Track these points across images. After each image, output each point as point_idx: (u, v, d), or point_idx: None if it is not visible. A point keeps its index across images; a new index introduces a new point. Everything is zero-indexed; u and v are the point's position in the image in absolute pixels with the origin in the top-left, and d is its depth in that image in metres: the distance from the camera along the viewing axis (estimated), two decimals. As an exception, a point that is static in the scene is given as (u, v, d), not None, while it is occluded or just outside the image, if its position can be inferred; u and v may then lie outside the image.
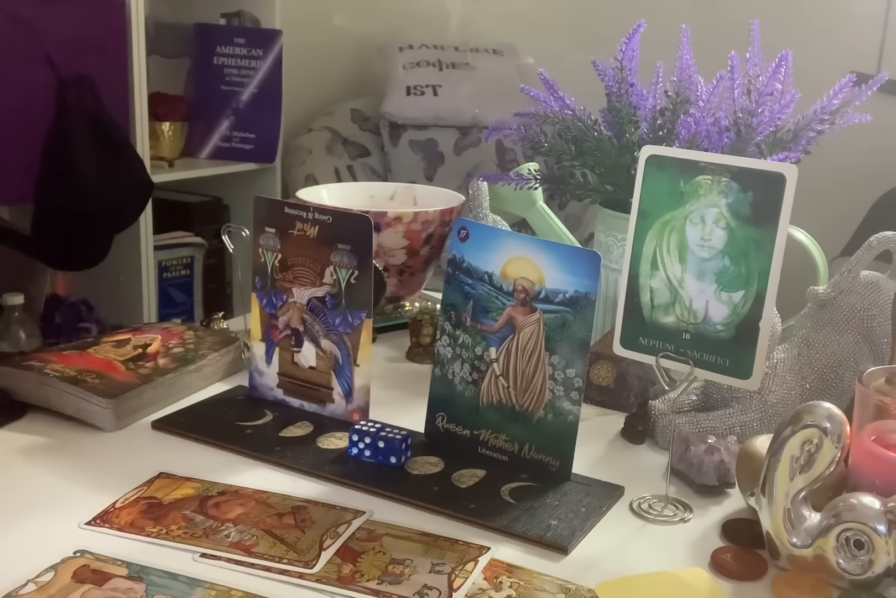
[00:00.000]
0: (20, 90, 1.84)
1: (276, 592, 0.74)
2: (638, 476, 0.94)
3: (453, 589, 0.74)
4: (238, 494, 0.87)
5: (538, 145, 1.19)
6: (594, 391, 1.08)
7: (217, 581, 0.74)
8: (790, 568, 0.77)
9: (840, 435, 0.74)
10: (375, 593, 0.74)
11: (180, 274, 2.47)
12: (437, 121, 2.79)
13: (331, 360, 1.01)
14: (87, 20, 1.97)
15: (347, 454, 0.94)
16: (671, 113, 1.15)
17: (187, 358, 1.09)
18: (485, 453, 0.94)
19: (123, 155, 1.98)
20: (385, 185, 1.46)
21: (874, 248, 0.99)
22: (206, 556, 0.77)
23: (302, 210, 1.00)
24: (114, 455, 0.95)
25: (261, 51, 2.46)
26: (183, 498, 0.85)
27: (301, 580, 0.75)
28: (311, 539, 0.80)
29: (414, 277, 1.31)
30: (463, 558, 0.78)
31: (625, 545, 0.83)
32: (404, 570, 0.76)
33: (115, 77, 2.04)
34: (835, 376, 1.00)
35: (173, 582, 0.74)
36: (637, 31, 1.16)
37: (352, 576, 0.75)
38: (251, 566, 0.76)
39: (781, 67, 1.11)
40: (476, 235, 0.94)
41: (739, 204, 0.86)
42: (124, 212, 2.01)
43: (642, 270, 0.91)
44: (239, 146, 2.49)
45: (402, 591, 0.74)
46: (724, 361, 0.87)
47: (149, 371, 1.05)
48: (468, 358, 0.95)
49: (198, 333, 1.16)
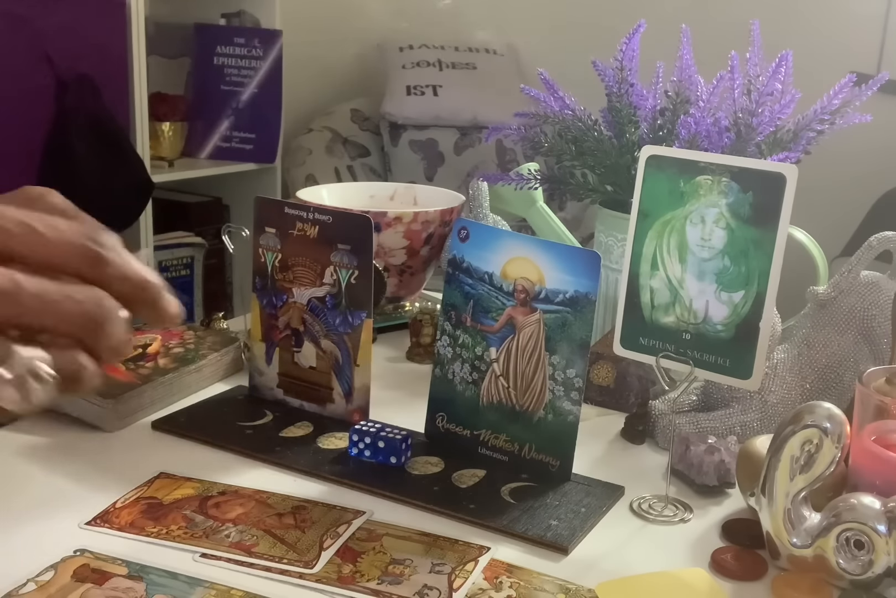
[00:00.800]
0: (20, 90, 1.84)
1: (277, 591, 0.74)
2: (638, 476, 0.94)
3: (453, 589, 0.74)
4: (238, 494, 0.87)
5: (538, 145, 1.19)
6: (594, 391, 1.08)
7: (217, 581, 0.74)
8: (790, 568, 0.78)
9: (840, 435, 0.74)
10: (376, 593, 0.74)
11: (180, 274, 2.48)
12: (437, 121, 2.80)
13: (331, 360, 1.01)
14: (87, 20, 1.97)
15: (347, 454, 0.94)
16: (671, 113, 1.15)
17: (187, 358, 1.09)
18: (485, 453, 0.94)
19: (123, 155, 1.98)
20: (385, 185, 1.46)
21: (874, 248, 0.99)
22: (206, 556, 0.77)
23: (302, 210, 1.00)
24: (114, 455, 0.94)
25: (261, 51, 2.47)
26: (183, 498, 0.85)
27: (301, 580, 0.75)
28: (311, 539, 0.80)
29: (414, 277, 1.32)
30: (463, 558, 0.78)
31: (625, 545, 0.83)
32: (404, 570, 0.76)
33: (115, 77, 2.04)
34: (835, 376, 1.00)
35: (173, 582, 0.74)
36: (637, 31, 1.16)
37: (352, 576, 0.75)
38: (251, 565, 0.76)
39: (781, 67, 1.11)
40: (476, 235, 0.94)
41: (739, 204, 0.86)
42: (124, 212, 2.02)
43: (642, 270, 0.91)
44: (239, 146, 2.50)
45: (402, 591, 0.74)
46: (724, 361, 0.87)
47: (149, 371, 1.05)
48: (468, 358, 0.95)
49: (198, 333, 1.16)
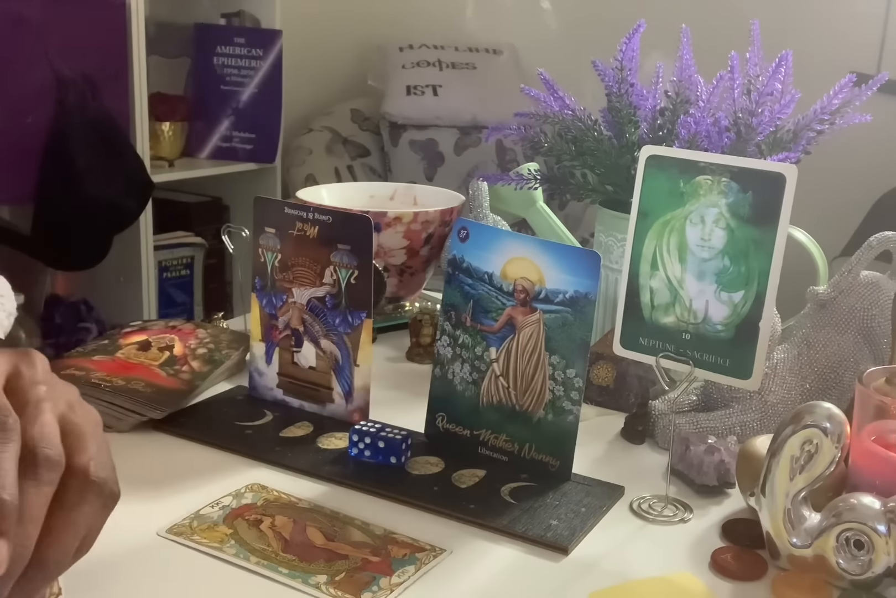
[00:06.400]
0: (20, 90, 1.84)
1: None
2: (638, 476, 0.94)
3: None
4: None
5: (538, 145, 1.19)
6: (594, 391, 1.08)
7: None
8: (790, 568, 0.77)
9: (840, 435, 0.74)
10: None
11: (180, 274, 2.48)
12: (437, 121, 2.80)
13: (331, 360, 1.01)
14: (87, 20, 1.97)
15: (347, 454, 0.94)
16: (671, 113, 1.15)
17: (215, 359, 1.09)
18: (485, 453, 0.94)
19: (123, 155, 1.98)
20: (385, 185, 1.46)
21: (874, 248, 0.99)
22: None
23: (302, 210, 1.00)
24: (114, 455, 0.94)
25: (261, 51, 2.47)
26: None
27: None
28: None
29: (414, 277, 1.32)
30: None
31: (625, 545, 0.83)
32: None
33: (115, 77, 2.04)
34: (835, 376, 1.00)
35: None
36: (637, 31, 1.16)
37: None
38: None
39: (781, 67, 1.11)
40: (476, 235, 0.94)
41: (739, 204, 0.86)
42: (124, 212, 2.02)
43: (642, 270, 0.91)
44: (239, 146, 2.50)
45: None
46: (724, 361, 0.87)
47: (189, 376, 1.05)
48: (468, 358, 0.95)
49: (208, 330, 1.16)
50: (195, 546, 0.79)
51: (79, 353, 1.08)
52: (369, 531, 0.82)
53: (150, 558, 0.78)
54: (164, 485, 0.89)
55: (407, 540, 0.81)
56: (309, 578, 0.75)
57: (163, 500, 0.87)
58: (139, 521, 0.82)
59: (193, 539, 0.80)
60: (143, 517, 0.83)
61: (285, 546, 0.79)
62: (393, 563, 0.77)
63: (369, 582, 0.75)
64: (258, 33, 2.48)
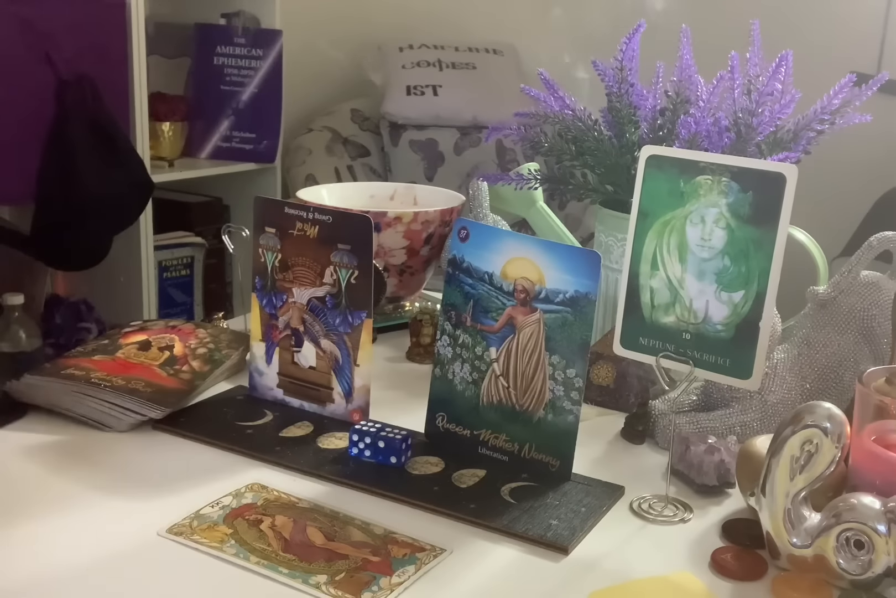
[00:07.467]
0: (20, 90, 1.84)
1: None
2: (638, 476, 0.94)
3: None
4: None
5: (538, 145, 1.19)
6: (594, 391, 1.08)
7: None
8: (790, 568, 0.77)
9: (840, 435, 0.74)
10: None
11: (180, 274, 2.47)
12: (437, 121, 2.79)
13: (331, 360, 1.01)
14: (87, 20, 1.97)
15: (347, 454, 0.94)
16: (671, 113, 1.15)
17: (215, 359, 1.09)
18: (485, 453, 0.94)
19: (123, 155, 1.98)
20: (385, 185, 1.46)
21: (874, 248, 0.99)
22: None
23: (302, 210, 1.00)
24: (114, 455, 0.94)
25: (261, 51, 2.46)
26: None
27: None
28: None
29: (414, 277, 1.31)
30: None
31: (625, 545, 0.83)
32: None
33: (115, 77, 2.04)
34: (835, 376, 1.00)
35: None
36: (637, 31, 1.16)
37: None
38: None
39: (781, 67, 1.11)
40: (476, 235, 0.94)
41: (739, 204, 0.86)
42: (124, 212, 2.01)
43: (642, 270, 0.91)
44: (239, 146, 2.49)
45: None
46: (724, 361, 0.87)
47: (189, 376, 1.05)
48: (468, 358, 0.95)
49: (208, 330, 1.16)
50: (195, 546, 0.79)
51: (79, 353, 1.08)
52: (369, 531, 0.82)
53: (150, 558, 0.78)
54: (164, 485, 0.89)
55: (407, 540, 0.81)
56: (309, 578, 0.75)
57: (163, 500, 0.86)
58: (139, 521, 0.82)
59: (193, 539, 0.80)
60: (143, 517, 0.83)
61: (285, 546, 0.79)
62: (393, 563, 0.77)
63: (369, 582, 0.75)
64: (258, 33, 2.48)
